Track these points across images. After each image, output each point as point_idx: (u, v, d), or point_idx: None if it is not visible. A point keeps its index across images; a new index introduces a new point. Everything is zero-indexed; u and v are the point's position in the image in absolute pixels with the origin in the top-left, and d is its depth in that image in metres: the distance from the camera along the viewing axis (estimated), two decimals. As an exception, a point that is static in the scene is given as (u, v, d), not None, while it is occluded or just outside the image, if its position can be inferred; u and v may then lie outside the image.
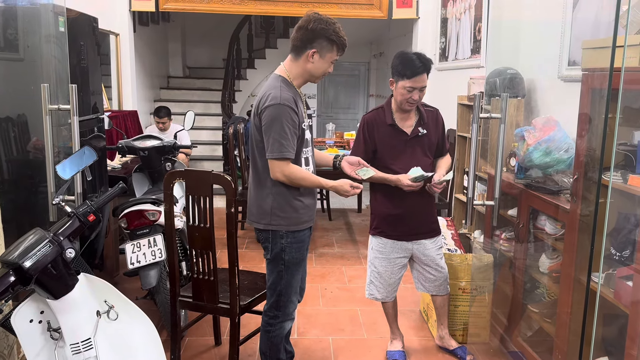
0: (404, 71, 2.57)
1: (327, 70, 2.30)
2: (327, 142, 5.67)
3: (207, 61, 9.49)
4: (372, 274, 2.89)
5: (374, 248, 2.86)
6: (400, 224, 2.77)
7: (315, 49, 2.21)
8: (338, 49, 2.25)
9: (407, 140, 2.72)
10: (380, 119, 2.73)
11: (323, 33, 2.19)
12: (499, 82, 3.24)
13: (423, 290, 2.95)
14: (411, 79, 2.57)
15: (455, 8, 5.16)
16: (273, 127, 2.17)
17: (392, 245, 2.81)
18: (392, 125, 2.71)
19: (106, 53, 5.47)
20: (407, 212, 2.75)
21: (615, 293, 1.96)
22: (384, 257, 2.83)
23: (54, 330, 1.84)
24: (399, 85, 2.61)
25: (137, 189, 3.40)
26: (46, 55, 2.70)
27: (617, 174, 1.98)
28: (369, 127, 2.74)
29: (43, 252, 1.72)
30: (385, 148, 2.72)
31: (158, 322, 3.08)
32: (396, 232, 2.79)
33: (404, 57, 2.62)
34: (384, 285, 2.86)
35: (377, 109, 2.80)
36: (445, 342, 3.04)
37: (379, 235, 2.83)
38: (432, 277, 2.87)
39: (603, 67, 1.64)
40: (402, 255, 2.82)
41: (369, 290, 2.92)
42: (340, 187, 2.31)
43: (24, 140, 2.70)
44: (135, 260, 2.80)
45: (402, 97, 2.62)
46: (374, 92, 9.85)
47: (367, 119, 2.77)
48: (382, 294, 2.88)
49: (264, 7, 5.70)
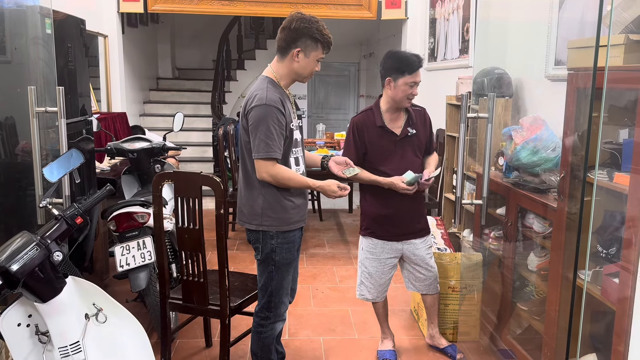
0: (404, 67, 2.61)
1: (313, 69, 2.29)
2: (317, 143, 5.67)
3: (196, 62, 9.47)
4: (362, 274, 2.89)
5: (365, 249, 2.87)
6: (390, 224, 2.78)
7: (299, 48, 2.22)
8: (323, 47, 2.26)
9: (397, 141, 2.73)
10: (370, 121, 2.74)
11: (306, 32, 2.21)
12: (486, 81, 3.26)
13: (413, 289, 2.97)
14: (412, 74, 2.61)
15: (443, 8, 5.18)
16: (259, 128, 2.17)
17: (383, 246, 2.81)
18: (381, 127, 2.72)
19: (95, 55, 5.44)
20: (397, 212, 2.76)
21: (602, 290, 1.98)
22: (374, 257, 2.83)
23: (42, 334, 1.83)
24: (400, 83, 2.62)
25: (126, 191, 3.39)
26: (33, 58, 2.68)
27: (603, 172, 2.00)
28: (359, 129, 2.74)
29: (30, 255, 1.71)
30: (376, 150, 2.73)
31: (148, 325, 3.07)
32: (386, 233, 2.79)
33: (399, 55, 2.66)
34: (375, 285, 2.87)
35: (366, 111, 2.80)
36: (436, 340, 3.05)
37: (369, 236, 2.84)
38: (422, 276, 2.88)
39: (588, 67, 1.65)
40: (392, 256, 2.83)
41: (359, 290, 2.93)
42: (328, 187, 2.31)
43: (12, 143, 2.68)
44: (125, 262, 2.79)
45: (404, 93, 2.64)
46: (364, 92, 9.87)
47: (357, 121, 2.78)
48: (372, 295, 2.89)
49: (253, 8, 5.69)
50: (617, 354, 1.82)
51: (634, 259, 1.71)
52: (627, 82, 1.95)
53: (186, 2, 5.59)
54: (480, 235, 3.17)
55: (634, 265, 1.71)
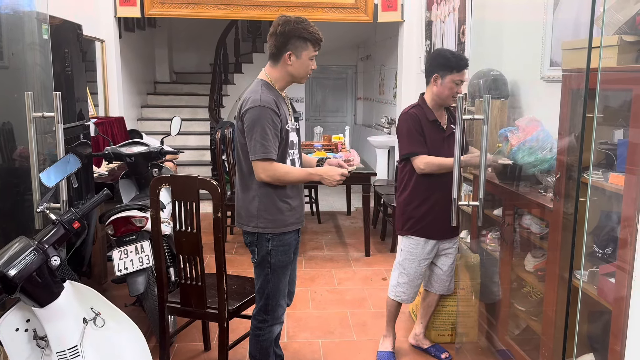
0: (453, 65, 2.64)
1: (308, 68, 2.29)
2: (315, 146, 5.68)
3: (194, 66, 9.47)
4: (400, 275, 2.89)
5: (405, 249, 2.86)
6: (432, 221, 2.78)
7: (290, 51, 2.24)
8: (313, 45, 2.26)
9: (445, 137, 2.76)
10: (422, 115, 2.74)
11: (294, 33, 2.22)
12: (482, 83, 3.27)
13: (432, 290, 2.99)
14: (460, 72, 2.66)
15: (439, 11, 5.20)
16: (254, 129, 2.18)
17: (424, 245, 2.82)
18: (434, 122, 2.74)
19: (92, 59, 5.44)
20: (439, 209, 2.76)
21: (598, 290, 1.98)
22: (414, 258, 2.84)
23: (40, 339, 1.83)
24: (447, 80, 2.65)
25: (124, 196, 3.39)
26: (30, 63, 2.69)
27: (599, 173, 2.01)
28: (416, 121, 2.73)
29: (28, 260, 1.71)
30: (430, 143, 2.74)
31: (147, 329, 3.07)
32: (428, 230, 2.80)
33: (447, 53, 2.70)
34: (412, 286, 2.89)
35: (415, 106, 2.79)
36: (420, 341, 3.08)
37: (412, 235, 2.83)
38: (445, 278, 2.94)
39: (582, 68, 1.66)
40: (429, 256, 2.86)
41: (395, 292, 2.92)
42: (326, 173, 2.28)
43: (9, 148, 2.69)
44: (123, 267, 2.79)
45: (450, 90, 2.67)
46: (362, 95, 9.88)
47: (413, 114, 2.75)
48: (408, 295, 2.91)
49: (250, 11, 5.70)
50: (614, 353, 1.82)
51: (629, 259, 1.72)
52: (621, 83, 1.96)
53: (183, 6, 5.61)
54: (477, 237, 3.18)
55: (630, 265, 1.71)
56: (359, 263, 4.57)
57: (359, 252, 4.85)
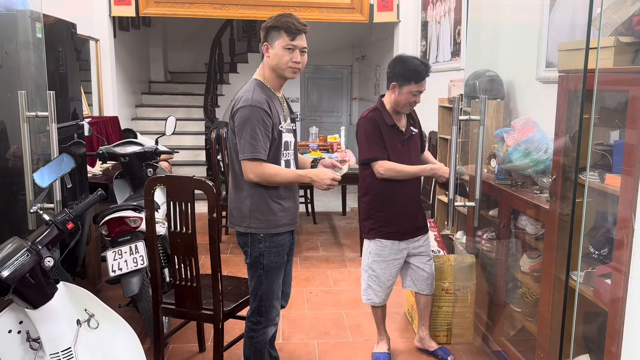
0: (412, 76, 2.62)
1: (284, 58, 2.20)
2: (310, 146, 5.67)
3: (189, 66, 9.44)
4: (370, 278, 2.88)
5: (372, 252, 2.85)
6: (396, 222, 2.79)
7: (266, 42, 2.24)
8: (287, 33, 2.19)
9: (404, 140, 2.77)
10: (381, 119, 2.74)
11: (269, 25, 2.22)
12: (478, 84, 3.27)
13: (412, 288, 2.97)
14: (418, 84, 2.63)
15: (435, 11, 5.20)
16: (244, 129, 2.17)
17: (391, 247, 2.81)
18: (392, 126, 2.73)
19: (86, 59, 5.42)
20: (401, 210, 2.78)
21: (594, 291, 1.98)
22: (382, 259, 2.83)
23: (34, 340, 1.82)
24: (405, 90, 2.64)
25: (119, 196, 3.37)
26: (24, 62, 2.66)
27: (595, 174, 2.01)
28: (375, 125, 2.73)
29: (21, 261, 1.70)
30: (389, 148, 2.74)
31: (141, 330, 3.05)
32: (393, 232, 2.79)
33: (408, 62, 2.66)
34: (383, 288, 2.87)
35: (373, 110, 2.78)
36: (426, 343, 3.05)
37: (377, 238, 2.82)
38: (425, 274, 2.91)
39: (578, 69, 1.66)
40: (399, 257, 2.84)
41: (366, 295, 2.92)
42: (316, 176, 2.25)
43: (2, 148, 2.66)
44: (117, 267, 2.77)
45: (407, 100, 2.66)
46: (357, 95, 9.87)
47: (371, 118, 2.74)
48: (380, 298, 2.90)
49: (245, 11, 5.69)
50: (610, 354, 1.82)
51: (625, 260, 1.72)
52: (617, 84, 1.96)
53: (178, 5, 5.59)
54: (473, 237, 3.18)
55: (626, 266, 1.71)
56: (354, 263, 4.56)
57: (354, 252, 4.84)
